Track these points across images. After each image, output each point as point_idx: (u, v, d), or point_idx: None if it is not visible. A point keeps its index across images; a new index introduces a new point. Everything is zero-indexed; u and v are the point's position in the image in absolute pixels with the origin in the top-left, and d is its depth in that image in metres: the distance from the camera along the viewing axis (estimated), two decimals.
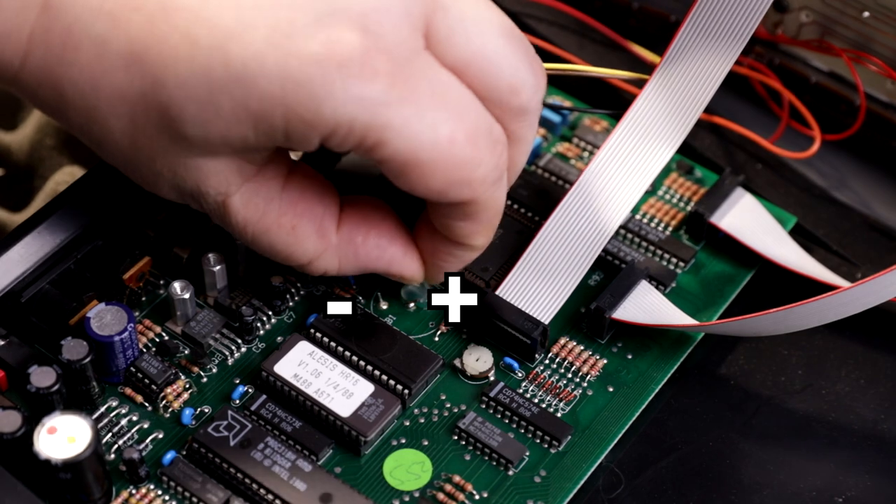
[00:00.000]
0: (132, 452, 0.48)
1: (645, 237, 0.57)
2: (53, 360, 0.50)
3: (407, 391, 0.51)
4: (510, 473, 0.50)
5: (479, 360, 0.53)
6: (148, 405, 0.51)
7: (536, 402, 0.52)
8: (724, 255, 0.58)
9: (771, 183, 0.60)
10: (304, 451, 0.50)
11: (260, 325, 0.54)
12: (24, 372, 0.49)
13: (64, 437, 0.46)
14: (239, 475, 0.49)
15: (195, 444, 0.49)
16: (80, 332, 0.50)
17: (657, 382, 0.53)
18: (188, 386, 0.52)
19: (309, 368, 0.51)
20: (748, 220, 0.58)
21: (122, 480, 0.49)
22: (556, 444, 0.51)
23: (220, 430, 0.49)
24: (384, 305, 0.55)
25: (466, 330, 0.54)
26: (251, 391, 0.52)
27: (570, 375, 0.53)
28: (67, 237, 0.52)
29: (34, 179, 0.63)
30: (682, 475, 0.51)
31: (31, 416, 0.48)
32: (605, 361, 0.53)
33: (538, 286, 0.54)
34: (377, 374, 0.52)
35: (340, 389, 0.51)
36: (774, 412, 0.53)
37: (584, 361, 0.53)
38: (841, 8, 0.59)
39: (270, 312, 0.54)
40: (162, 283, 0.55)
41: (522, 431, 0.51)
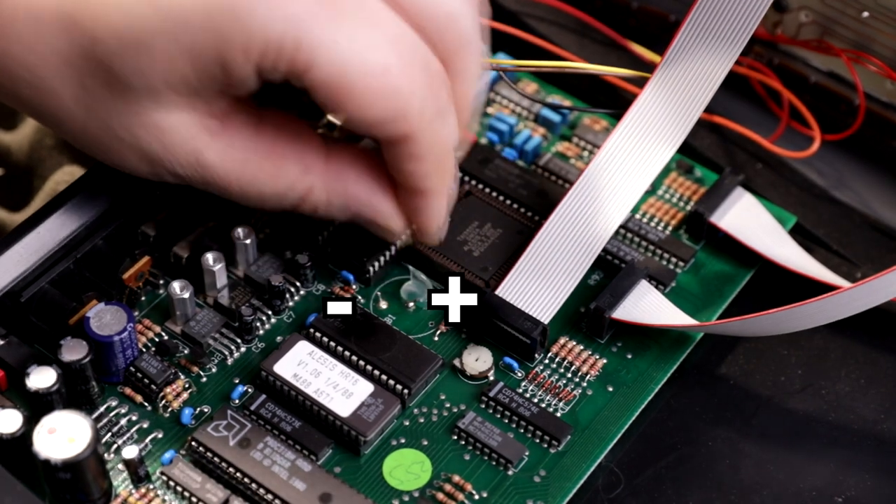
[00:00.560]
0: (132, 452, 0.48)
1: (645, 237, 0.57)
2: (53, 360, 0.50)
3: (407, 391, 0.51)
4: (510, 473, 0.50)
5: (478, 360, 0.53)
6: (147, 405, 0.51)
7: (536, 401, 0.52)
8: (723, 254, 0.58)
9: (771, 182, 0.60)
10: (303, 450, 0.50)
11: (259, 324, 0.54)
12: (23, 372, 0.49)
13: (64, 437, 0.46)
14: (238, 475, 0.49)
15: (195, 443, 0.49)
16: (79, 332, 0.50)
17: (657, 382, 0.53)
18: (188, 386, 0.52)
19: (308, 368, 0.51)
20: (748, 219, 0.58)
21: (121, 480, 0.49)
22: (555, 443, 0.51)
23: (219, 429, 0.49)
24: (384, 305, 0.55)
25: (466, 330, 0.54)
26: (251, 391, 0.52)
27: (569, 375, 0.53)
28: (67, 237, 0.52)
29: (34, 179, 0.63)
30: (681, 475, 0.51)
31: (31, 416, 0.48)
32: (604, 361, 0.53)
33: (538, 286, 0.54)
34: (377, 374, 0.52)
35: (340, 389, 0.51)
36: (774, 412, 0.53)
37: (583, 361, 0.53)
38: (841, 8, 0.59)
39: (270, 312, 0.54)
40: (162, 283, 0.55)
41: (522, 431, 0.51)
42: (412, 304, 0.55)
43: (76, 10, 0.45)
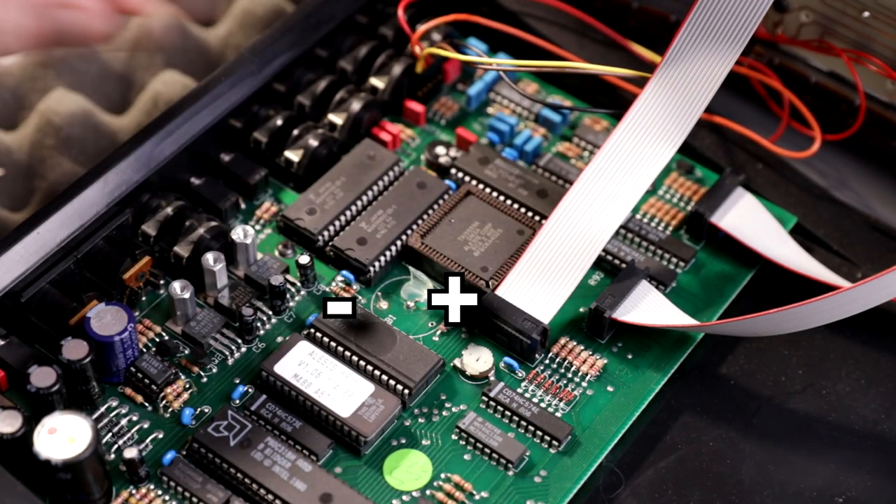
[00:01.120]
0: (132, 452, 0.48)
1: (645, 237, 0.57)
2: (53, 360, 0.50)
3: (407, 391, 0.51)
4: (510, 473, 0.50)
5: (479, 360, 0.53)
6: (148, 405, 0.51)
7: (537, 402, 0.52)
8: (724, 254, 0.58)
9: (771, 183, 0.60)
10: (304, 451, 0.50)
11: (260, 325, 0.54)
12: (24, 372, 0.49)
13: (64, 437, 0.46)
14: (239, 475, 0.49)
15: (195, 444, 0.49)
16: (80, 332, 0.50)
17: (657, 382, 0.53)
18: (188, 386, 0.52)
19: (309, 368, 0.51)
20: (748, 219, 0.58)
21: (122, 480, 0.49)
22: (556, 444, 0.51)
23: (220, 430, 0.49)
24: (384, 305, 0.55)
25: (466, 330, 0.54)
26: (251, 391, 0.52)
27: (570, 375, 0.53)
28: (67, 237, 0.52)
29: (34, 179, 0.63)
30: (682, 475, 0.51)
31: (31, 416, 0.48)
32: (605, 361, 0.53)
33: (538, 286, 0.54)
34: (377, 374, 0.52)
35: (341, 390, 0.51)
36: (775, 412, 0.53)
37: (584, 361, 0.53)
38: (841, 8, 0.59)
39: (270, 312, 0.54)
40: (162, 283, 0.55)
41: (523, 431, 0.51)
42: (412, 304, 0.55)
43: None
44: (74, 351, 0.49)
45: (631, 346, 0.54)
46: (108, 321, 0.50)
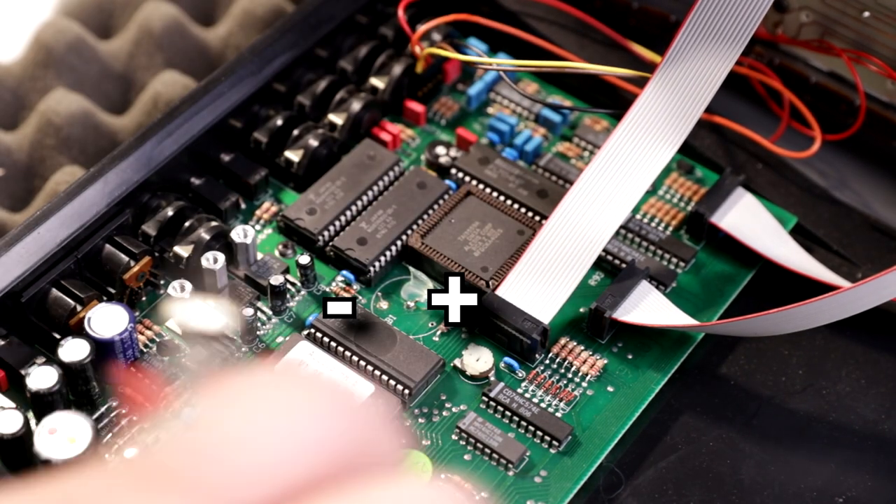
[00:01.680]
0: (132, 452, 0.48)
1: (645, 237, 0.57)
2: (54, 360, 0.50)
3: (407, 391, 0.51)
4: (510, 474, 0.50)
5: (479, 360, 0.53)
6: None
7: (537, 402, 0.52)
8: (724, 254, 0.58)
9: (771, 183, 0.60)
10: None
11: (260, 325, 0.54)
12: (23, 372, 0.49)
13: (64, 437, 0.46)
14: None
15: None
16: (80, 332, 0.50)
17: (657, 382, 0.53)
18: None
19: (309, 369, 0.51)
20: (748, 219, 0.57)
21: None
22: (556, 444, 0.51)
23: None
24: (384, 305, 0.55)
25: (466, 330, 0.54)
26: None
27: (570, 375, 0.53)
28: (67, 237, 0.52)
29: (34, 179, 0.63)
30: (682, 475, 0.51)
31: (31, 416, 0.48)
32: (605, 361, 0.53)
33: (538, 286, 0.54)
34: (377, 374, 0.52)
35: None
36: (775, 412, 0.53)
37: (584, 361, 0.53)
38: (841, 8, 0.59)
39: (270, 312, 0.54)
40: (162, 283, 0.55)
41: (523, 432, 0.51)
42: (412, 303, 0.55)
43: None
44: (74, 351, 0.49)
45: (631, 346, 0.54)
46: (107, 321, 0.50)
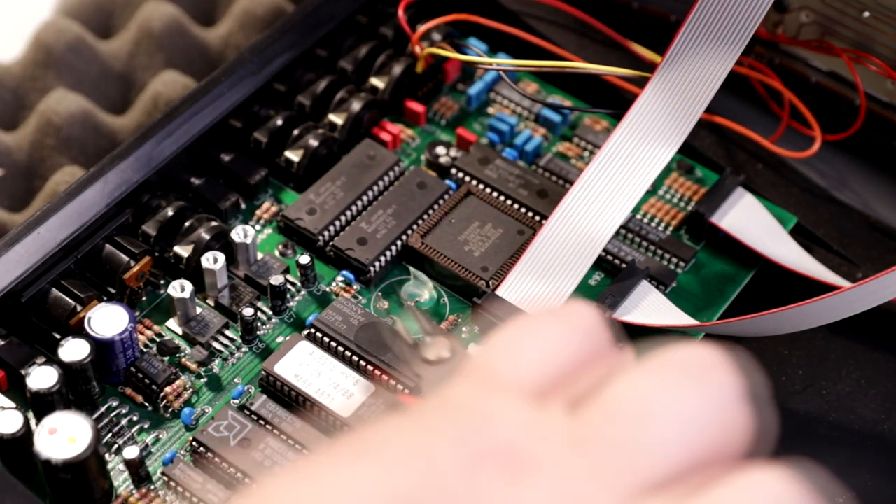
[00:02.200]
0: (133, 453, 0.48)
1: (645, 237, 0.57)
2: (54, 360, 0.50)
3: (407, 391, 0.51)
4: None
5: None
6: (148, 405, 0.51)
7: None
8: (724, 254, 0.58)
9: (771, 183, 0.60)
10: (304, 451, 0.50)
11: (260, 325, 0.54)
12: (23, 372, 0.49)
13: (64, 437, 0.46)
14: (239, 475, 0.49)
15: (195, 444, 0.49)
16: (80, 332, 0.50)
17: None
18: (188, 386, 0.52)
19: (309, 368, 0.51)
20: (748, 219, 0.57)
21: (122, 481, 0.49)
22: None
23: (220, 430, 0.49)
24: (384, 305, 0.55)
25: (466, 329, 0.54)
26: (251, 391, 0.52)
27: None
28: (67, 237, 0.52)
29: (34, 179, 0.63)
30: None
31: (31, 416, 0.48)
32: None
33: (538, 286, 0.54)
34: (378, 374, 0.51)
35: (340, 389, 0.51)
36: (775, 412, 0.53)
37: None
38: (841, 8, 0.59)
39: (270, 312, 0.54)
40: (162, 283, 0.55)
41: None
42: (412, 304, 0.55)
43: None
44: (74, 351, 0.49)
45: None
46: (107, 321, 0.50)
